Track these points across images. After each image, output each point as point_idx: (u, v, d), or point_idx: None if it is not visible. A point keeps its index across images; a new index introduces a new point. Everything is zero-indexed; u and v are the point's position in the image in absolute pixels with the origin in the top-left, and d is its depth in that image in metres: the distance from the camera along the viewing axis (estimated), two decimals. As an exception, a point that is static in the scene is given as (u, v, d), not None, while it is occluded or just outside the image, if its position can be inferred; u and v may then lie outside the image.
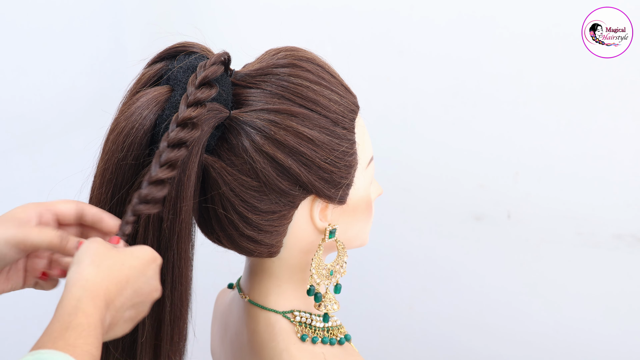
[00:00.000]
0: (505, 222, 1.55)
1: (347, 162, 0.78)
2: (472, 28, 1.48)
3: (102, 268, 0.62)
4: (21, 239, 0.66)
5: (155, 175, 0.69)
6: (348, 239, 0.84)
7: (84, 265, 0.62)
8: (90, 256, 0.63)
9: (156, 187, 0.69)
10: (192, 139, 0.70)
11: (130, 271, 0.64)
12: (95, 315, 0.58)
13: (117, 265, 0.63)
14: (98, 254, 0.63)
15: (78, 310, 0.57)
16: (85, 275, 0.60)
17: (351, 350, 0.84)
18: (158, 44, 0.79)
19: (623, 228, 1.44)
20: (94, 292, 0.59)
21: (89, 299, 0.58)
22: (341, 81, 0.80)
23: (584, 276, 1.50)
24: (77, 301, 0.58)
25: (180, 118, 0.70)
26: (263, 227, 0.77)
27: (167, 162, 0.69)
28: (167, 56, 0.77)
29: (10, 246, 0.66)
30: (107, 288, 0.61)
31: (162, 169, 0.69)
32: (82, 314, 0.57)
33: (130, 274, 0.64)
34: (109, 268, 0.62)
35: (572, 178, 1.46)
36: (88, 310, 0.58)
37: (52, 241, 0.67)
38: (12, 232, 0.66)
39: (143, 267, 0.65)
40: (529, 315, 1.58)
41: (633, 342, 1.48)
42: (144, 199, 0.69)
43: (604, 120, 1.41)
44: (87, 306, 0.58)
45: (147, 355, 0.75)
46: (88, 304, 0.58)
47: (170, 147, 0.70)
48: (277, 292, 0.83)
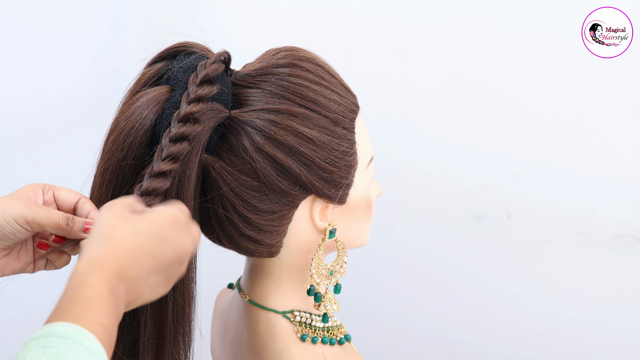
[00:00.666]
0: (505, 222, 1.55)
1: (347, 162, 0.78)
2: (472, 28, 1.48)
3: (112, 241, 0.61)
4: (30, 217, 0.68)
5: (157, 168, 0.69)
6: (348, 239, 0.84)
7: (94, 241, 0.61)
8: (100, 230, 0.62)
9: (157, 180, 0.69)
10: (195, 133, 0.70)
11: (142, 237, 0.62)
12: (101, 287, 0.57)
13: (127, 234, 0.62)
14: (108, 226, 0.62)
15: (83, 284, 0.56)
16: (94, 251, 0.60)
17: (351, 350, 0.84)
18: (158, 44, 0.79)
19: (623, 228, 1.44)
20: (101, 266, 0.58)
21: (93, 272, 0.58)
22: (341, 81, 0.80)
23: (584, 276, 1.50)
24: (82, 276, 0.57)
25: (182, 114, 0.70)
26: (263, 227, 0.77)
27: (169, 155, 0.69)
28: (167, 56, 0.77)
29: (20, 224, 0.68)
30: (117, 260, 0.59)
31: (164, 162, 0.69)
32: (86, 287, 0.56)
33: (142, 241, 0.62)
34: (119, 239, 0.61)
35: (572, 178, 1.46)
36: (93, 282, 0.57)
37: (59, 223, 0.69)
38: (21, 211, 0.68)
39: (161, 231, 0.63)
40: (529, 315, 1.58)
41: (633, 342, 1.48)
42: (145, 191, 0.69)
43: (604, 120, 1.41)
44: (92, 279, 0.57)
45: (149, 355, 0.75)
46: (92, 277, 0.57)
47: (172, 141, 0.70)
48: (277, 292, 0.83)
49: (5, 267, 0.72)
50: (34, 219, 0.68)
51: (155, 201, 0.69)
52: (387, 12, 1.55)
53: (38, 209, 0.69)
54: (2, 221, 0.68)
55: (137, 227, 0.63)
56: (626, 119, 1.39)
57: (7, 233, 0.69)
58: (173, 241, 0.64)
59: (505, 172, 1.52)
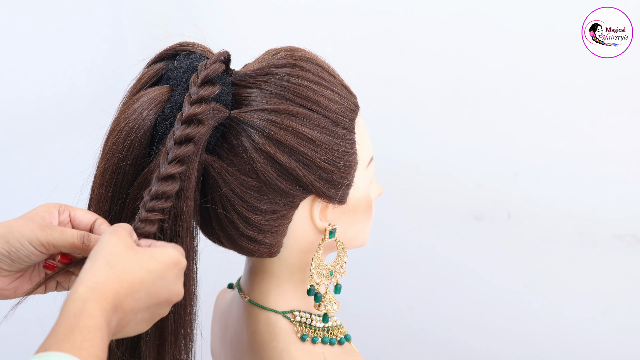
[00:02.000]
0: (505, 222, 1.55)
1: (347, 162, 0.78)
2: (472, 28, 1.48)
3: (115, 270, 0.61)
4: (45, 240, 0.67)
5: (164, 171, 0.69)
6: (348, 239, 0.84)
7: (97, 265, 0.61)
8: (105, 255, 0.62)
9: (166, 182, 0.69)
10: (199, 134, 0.70)
11: (146, 274, 0.62)
12: (100, 317, 0.57)
13: (132, 267, 0.62)
14: (114, 253, 0.62)
15: (84, 312, 0.56)
16: (97, 276, 0.59)
17: (351, 350, 0.84)
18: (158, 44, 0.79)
19: (623, 228, 1.44)
20: (102, 294, 0.58)
21: (95, 300, 0.58)
22: (341, 81, 0.80)
23: (584, 276, 1.50)
24: (83, 303, 0.57)
25: (185, 116, 0.70)
26: (263, 227, 0.77)
27: (175, 158, 0.69)
28: (167, 56, 0.77)
29: (35, 247, 0.67)
30: (117, 290, 0.60)
31: (171, 164, 0.69)
32: (87, 316, 0.56)
33: (145, 277, 0.62)
34: (122, 270, 0.61)
35: (572, 178, 1.46)
36: (94, 312, 0.57)
37: (74, 242, 0.67)
38: (35, 234, 0.67)
39: (162, 271, 0.64)
40: (529, 315, 1.58)
41: (633, 342, 1.48)
42: (155, 195, 0.69)
43: (604, 120, 1.41)
44: (93, 308, 0.57)
45: (150, 355, 0.75)
46: (94, 306, 0.57)
47: (177, 144, 0.70)
48: (277, 292, 0.84)
49: (17, 289, 0.71)
50: (49, 241, 0.67)
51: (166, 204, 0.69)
52: (386, 11, 1.55)
53: (52, 231, 0.67)
54: (17, 244, 0.66)
55: (140, 261, 0.63)
56: (626, 119, 1.39)
57: (22, 256, 0.67)
58: (171, 283, 0.65)
59: (505, 172, 1.52)
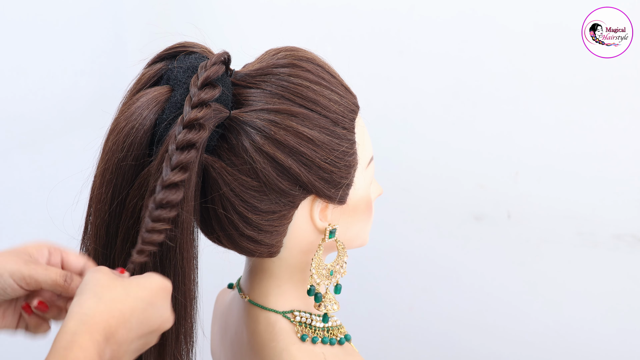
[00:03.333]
0: (505, 222, 1.55)
1: (347, 162, 0.78)
2: (472, 28, 1.48)
3: (103, 300, 0.60)
4: (27, 273, 0.65)
5: (168, 178, 0.69)
6: (348, 239, 0.84)
7: (85, 298, 0.60)
8: (92, 287, 0.61)
9: (170, 191, 0.69)
10: (201, 140, 0.70)
11: (135, 302, 0.61)
12: (91, 349, 0.56)
13: (120, 296, 0.61)
14: (101, 285, 0.61)
15: (74, 345, 0.55)
16: (85, 308, 0.59)
17: (351, 350, 0.84)
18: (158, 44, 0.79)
19: (623, 228, 1.44)
20: (92, 326, 0.57)
21: (85, 332, 0.57)
22: (341, 81, 0.80)
23: (584, 276, 1.50)
24: (73, 335, 0.56)
25: (186, 120, 0.70)
26: (263, 227, 0.77)
27: (178, 164, 0.69)
28: (167, 56, 0.77)
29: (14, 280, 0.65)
30: (107, 321, 0.59)
31: (174, 172, 0.69)
32: (77, 348, 0.55)
33: (135, 306, 0.61)
34: (111, 300, 0.60)
35: (572, 178, 1.46)
36: (84, 344, 0.56)
37: (56, 280, 0.65)
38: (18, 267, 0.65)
39: (150, 297, 0.63)
40: (529, 315, 1.58)
41: (633, 342, 1.48)
42: (160, 204, 0.69)
43: (604, 120, 1.41)
44: (83, 340, 0.56)
45: (151, 355, 0.75)
46: (84, 338, 0.56)
47: (179, 149, 0.69)
48: (277, 292, 0.83)
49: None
50: (31, 275, 0.65)
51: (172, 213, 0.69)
52: (387, 11, 1.55)
53: (36, 266, 0.65)
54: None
55: (128, 289, 0.62)
56: (626, 119, 1.39)
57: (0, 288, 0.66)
58: (162, 309, 0.64)
59: (505, 172, 1.52)
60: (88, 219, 0.76)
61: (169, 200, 0.69)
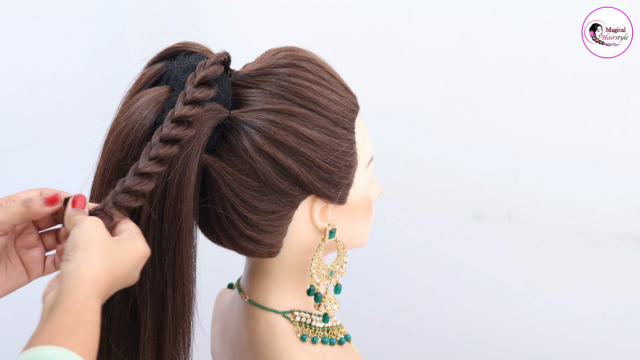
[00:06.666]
0: (505, 222, 1.55)
1: (347, 162, 0.78)
2: (472, 27, 1.48)
3: (106, 262, 0.62)
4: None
5: (142, 167, 0.68)
6: (348, 239, 0.84)
7: (91, 256, 0.62)
8: (96, 246, 0.63)
9: (141, 180, 0.68)
10: (187, 137, 0.70)
11: (126, 267, 0.65)
12: (99, 312, 0.60)
13: (117, 259, 0.64)
14: (104, 245, 0.63)
15: (88, 307, 0.59)
16: (93, 269, 0.61)
17: (351, 350, 0.84)
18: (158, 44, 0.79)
19: (623, 228, 1.44)
20: (99, 289, 0.61)
21: (95, 295, 0.60)
22: (341, 81, 0.80)
23: (584, 276, 1.50)
24: (87, 297, 0.59)
25: (176, 115, 0.70)
26: (263, 227, 0.77)
27: (156, 157, 0.68)
28: (167, 56, 0.77)
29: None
30: (106, 285, 0.62)
31: (151, 162, 0.68)
32: (91, 312, 0.59)
33: (125, 270, 0.65)
34: (111, 263, 0.63)
35: (573, 178, 1.46)
36: (95, 307, 0.60)
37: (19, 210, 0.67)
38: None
39: (137, 263, 0.66)
40: (529, 314, 1.58)
41: (633, 341, 1.48)
42: (127, 189, 0.68)
43: (604, 120, 1.41)
44: (94, 303, 0.60)
45: (149, 355, 0.75)
46: (94, 301, 0.60)
47: (162, 142, 0.69)
48: (277, 292, 0.83)
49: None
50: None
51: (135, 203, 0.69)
52: (387, 10, 1.55)
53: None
54: None
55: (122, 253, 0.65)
56: (626, 119, 1.39)
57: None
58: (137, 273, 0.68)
59: (506, 172, 1.52)
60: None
61: (137, 189, 0.68)
